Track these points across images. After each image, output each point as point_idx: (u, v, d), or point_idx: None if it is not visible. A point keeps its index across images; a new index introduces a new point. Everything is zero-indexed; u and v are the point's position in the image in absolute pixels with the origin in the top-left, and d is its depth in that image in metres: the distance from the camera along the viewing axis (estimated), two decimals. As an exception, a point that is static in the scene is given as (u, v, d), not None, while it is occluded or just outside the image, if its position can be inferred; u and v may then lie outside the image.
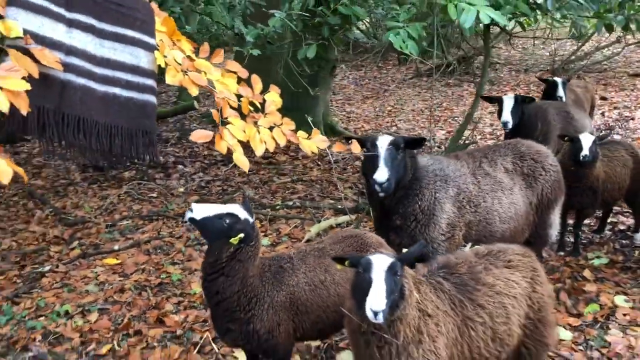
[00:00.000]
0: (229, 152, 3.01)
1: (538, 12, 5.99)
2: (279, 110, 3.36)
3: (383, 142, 3.80)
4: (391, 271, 2.50)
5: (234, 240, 3.08)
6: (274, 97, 3.40)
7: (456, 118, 11.13)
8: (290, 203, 6.99)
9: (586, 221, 6.22)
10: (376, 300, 2.41)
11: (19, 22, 2.51)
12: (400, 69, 17.16)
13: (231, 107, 3.15)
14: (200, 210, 3.09)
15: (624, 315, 4.42)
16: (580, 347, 4.07)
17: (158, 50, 3.04)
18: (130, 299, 4.86)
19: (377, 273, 2.48)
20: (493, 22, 4.21)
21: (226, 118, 3.08)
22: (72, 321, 4.51)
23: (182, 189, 7.71)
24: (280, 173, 8.33)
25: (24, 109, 2.30)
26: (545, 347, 3.05)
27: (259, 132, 3.17)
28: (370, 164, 3.83)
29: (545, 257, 5.44)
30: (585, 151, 4.81)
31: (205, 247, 3.38)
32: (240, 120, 3.13)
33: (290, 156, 9.07)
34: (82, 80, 2.78)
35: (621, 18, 5.85)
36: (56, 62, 2.59)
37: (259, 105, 3.30)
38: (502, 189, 4.14)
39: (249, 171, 8.35)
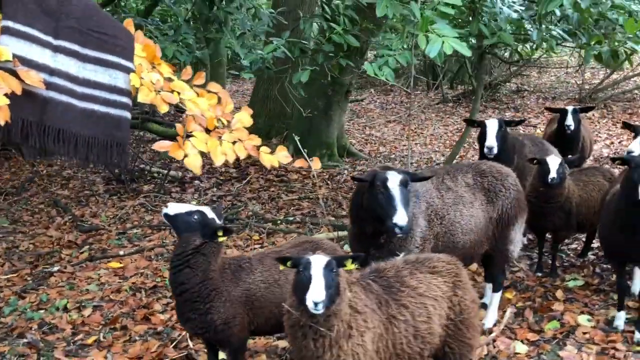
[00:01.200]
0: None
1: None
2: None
3: (394, 182, 3.75)
4: (328, 268, 2.82)
5: (220, 237, 3.58)
6: (243, 116, 3.82)
7: (471, 143, 11.32)
8: (292, 218, 7.36)
9: (572, 245, 6.37)
10: (316, 292, 2.73)
11: (9, 47, 2.99)
12: (427, 94, 17.43)
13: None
14: (175, 208, 3.62)
15: (584, 333, 4.55)
16: (532, 360, 4.27)
17: (135, 72, 3.49)
18: (124, 298, 5.31)
19: (316, 270, 2.81)
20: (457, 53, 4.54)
21: (191, 132, 3.51)
22: (67, 315, 5.00)
23: (194, 202, 8.18)
24: (289, 190, 8.73)
25: (3, 120, 2.77)
26: (468, 348, 3.30)
27: (220, 145, 3.58)
28: (382, 202, 3.76)
29: (521, 277, 5.63)
30: (553, 174, 5.00)
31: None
32: (204, 134, 3.54)
33: (302, 175, 9.46)
34: (63, 98, 3.24)
35: (607, 49, 6.08)
36: (40, 81, 3.05)
37: (224, 122, 3.71)
38: (463, 202, 4.37)
39: (259, 188, 8.89)
